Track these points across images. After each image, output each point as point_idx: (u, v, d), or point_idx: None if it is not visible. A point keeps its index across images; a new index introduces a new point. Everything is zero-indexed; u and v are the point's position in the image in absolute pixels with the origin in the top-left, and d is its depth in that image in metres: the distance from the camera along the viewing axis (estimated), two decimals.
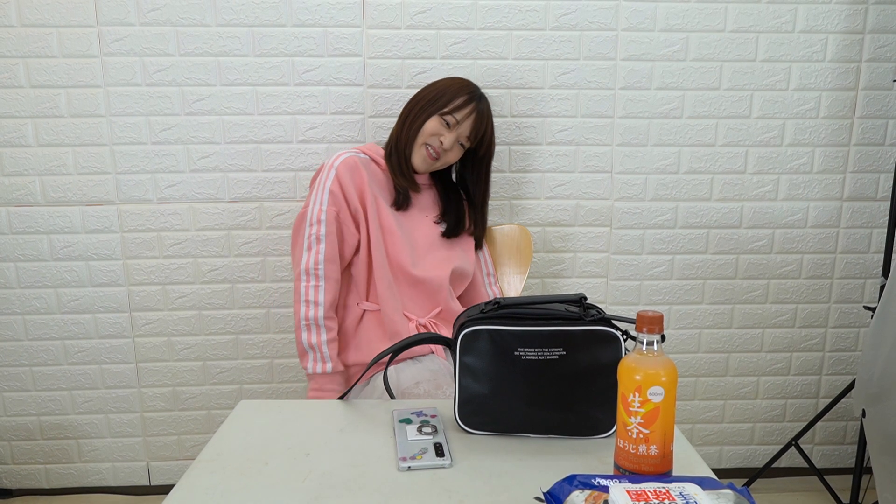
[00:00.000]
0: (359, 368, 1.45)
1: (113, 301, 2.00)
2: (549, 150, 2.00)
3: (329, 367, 1.39)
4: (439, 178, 1.63)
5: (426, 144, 1.48)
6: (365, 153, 1.52)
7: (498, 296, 1.50)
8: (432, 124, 1.47)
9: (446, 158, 1.51)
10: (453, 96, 1.47)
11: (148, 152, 1.93)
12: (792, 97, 2.00)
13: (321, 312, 1.39)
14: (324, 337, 1.39)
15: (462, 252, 1.58)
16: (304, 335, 1.39)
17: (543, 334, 0.95)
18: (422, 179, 1.57)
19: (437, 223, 1.58)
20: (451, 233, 1.57)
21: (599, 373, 0.95)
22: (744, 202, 2.06)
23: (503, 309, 0.99)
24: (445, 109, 1.46)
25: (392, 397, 1.17)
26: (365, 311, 1.47)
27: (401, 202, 1.52)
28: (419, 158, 1.49)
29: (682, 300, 2.11)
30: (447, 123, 1.47)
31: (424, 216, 1.57)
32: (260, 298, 2.03)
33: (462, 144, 1.50)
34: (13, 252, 1.96)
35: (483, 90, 1.58)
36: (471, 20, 1.90)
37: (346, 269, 1.49)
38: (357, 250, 1.47)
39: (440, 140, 1.47)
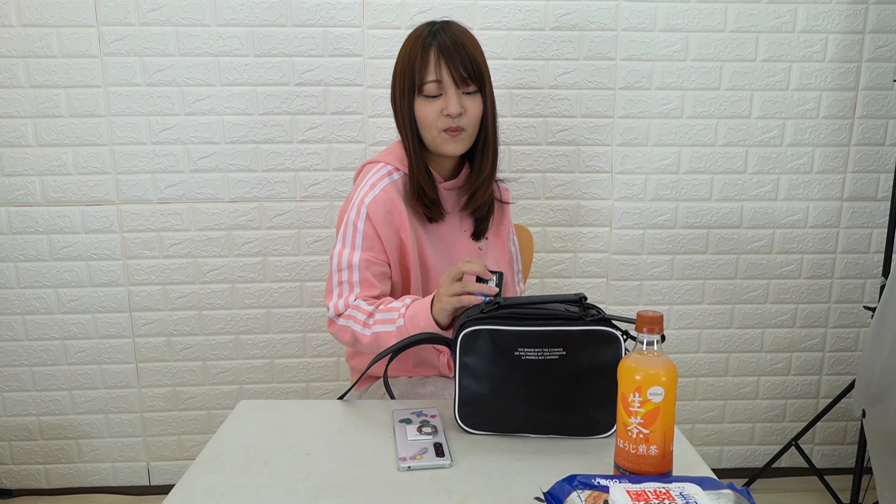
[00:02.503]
0: (369, 378, 1.39)
1: (113, 301, 2.00)
2: (549, 150, 2.00)
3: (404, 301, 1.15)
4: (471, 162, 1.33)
5: (441, 131, 1.20)
6: (398, 169, 1.26)
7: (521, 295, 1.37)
8: (424, 109, 1.20)
9: (470, 119, 1.21)
10: (412, 64, 1.19)
11: (148, 152, 1.93)
12: (792, 97, 2.00)
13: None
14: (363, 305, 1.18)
15: (495, 266, 1.38)
16: (358, 327, 1.17)
17: (543, 334, 0.95)
18: (461, 181, 1.32)
19: (473, 238, 1.36)
20: (478, 232, 1.35)
21: (599, 373, 0.95)
22: (744, 202, 2.06)
23: (503, 309, 0.99)
24: (417, 83, 1.19)
25: (392, 397, 1.16)
26: None
27: (435, 217, 1.29)
28: (448, 146, 1.22)
29: (682, 300, 2.11)
30: (432, 95, 1.19)
31: (462, 231, 1.34)
32: (260, 298, 2.03)
33: (466, 92, 1.20)
34: (13, 252, 1.96)
35: None
36: (471, 20, 1.90)
37: None
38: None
39: (445, 113, 1.18)
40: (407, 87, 1.20)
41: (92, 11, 1.85)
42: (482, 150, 1.28)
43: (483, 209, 1.34)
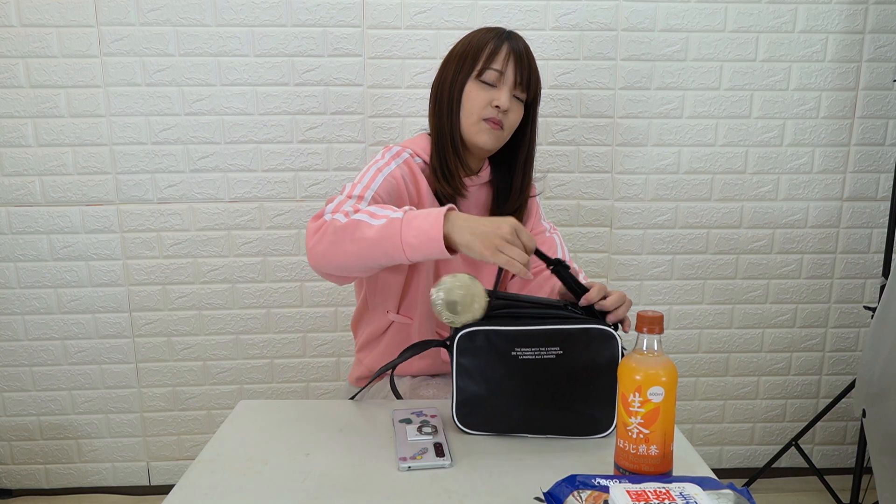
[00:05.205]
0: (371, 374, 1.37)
1: (113, 301, 2.00)
2: (549, 150, 2.00)
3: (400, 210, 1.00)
4: (502, 166, 1.31)
5: (482, 119, 1.19)
6: (419, 155, 1.24)
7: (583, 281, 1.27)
8: (475, 93, 1.19)
9: (509, 122, 1.21)
10: (479, 48, 1.19)
11: (148, 152, 1.93)
12: (792, 97, 2.00)
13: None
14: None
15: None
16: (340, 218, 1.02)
17: (540, 333, 0.95)
18: (483, 176, 1.30)
19: None
20: None
21: (596, 372, 0.95)
22: (744, 202, 2.06)
23: (500, 303, 0.98)
24: (479, 66, 1.18)
25: (399, 397, 1.16)
26: (393, 321, 1.29)
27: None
28: (484, 137, 1.20)
29: (682, 300, 2.11)
30: (489, 83, 1.18)
31: None
32: (260, 298, 2.03)
33: (517, 98, 1.21)
34: (13, 252, 1.96)
35: None
36: (471, 20, 1.90)
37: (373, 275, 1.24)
38: None
39: (495, 104, 1.18)
40: (466, 67, 1.19)
41: (92, 11, 1.85)
42: (523, 165, 1.29)
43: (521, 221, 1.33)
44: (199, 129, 1.93)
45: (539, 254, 1.01)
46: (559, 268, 1.01)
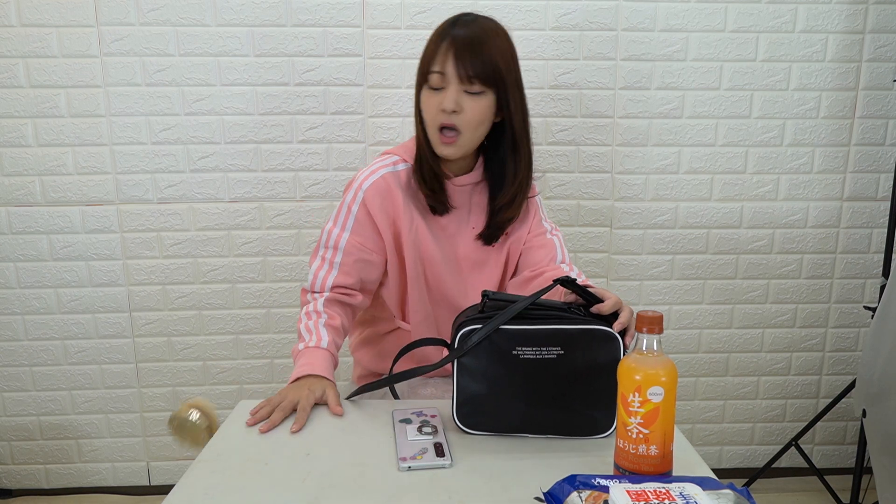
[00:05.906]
0: (371, 376, 1.37)
1: (113, 301, 2.00)
2: (549, 150, 2.00)
3: (324, 342, 1.15)
4: (493, 158, 1.26)
5: (438, 130, 1.15)
6: (405, 161, 1.23)
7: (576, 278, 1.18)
8: (426, 101, 1.15)
9: (465, 120, 1.13)
10: (426, 51, 1.15)
11: (148, 152, 1.93)
12: (792, 97, 2.00)
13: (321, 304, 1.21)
14: (322, 319, 1.18)
15: (499, 268, 1.32)
16: (303, 321, 1.20)
17: (542, 333, 0.95)
18: (475, 176, 1.26)
19: (481, 237, 1.28)
20: (489, 238, 1.28)
21: (597, 372, 0.95)
22: (744, 202, 2.06)
23: (500, 310, 0.98)
24: (424, 72, 1.14)
25: (396, 397, 1.16)
26: (398, 327, 1.31)
27: (438, 209, 1.24)
28: (439, 149, 1.17)
29: (682, 300, 2.11)
30: (435, 88, 1.13)
31: (471, 228, 1.28)
32: (260, 298, 2.03)
33: (469, 92, 1.12)
34: (13, 252, 1.96)
35: None
36: None
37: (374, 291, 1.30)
38: (385, 274, 1.27)
39: (440, 108, 1.12)
40: (420, 75, 1.16)
41: (92, 11, 1.85)
42: (513, 152, 1.22)
43: (516, 218, 1.28)
44: (199, 129, 1.93)
45: (540, 295, 1.00)
46: (565, 285, 1.01)
